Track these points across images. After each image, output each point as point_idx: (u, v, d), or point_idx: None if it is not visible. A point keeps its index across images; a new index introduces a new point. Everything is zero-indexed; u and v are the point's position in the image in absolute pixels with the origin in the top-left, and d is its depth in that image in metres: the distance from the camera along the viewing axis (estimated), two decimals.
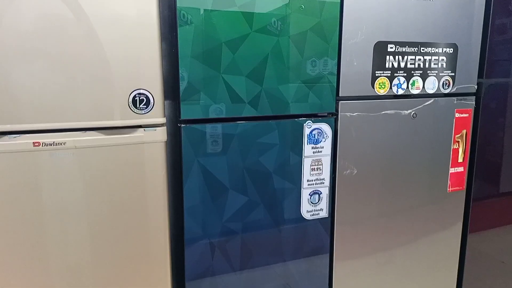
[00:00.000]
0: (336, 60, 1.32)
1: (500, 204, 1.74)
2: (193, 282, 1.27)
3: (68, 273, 1.13)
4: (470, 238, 1.70)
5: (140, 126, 1.13)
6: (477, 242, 1.73)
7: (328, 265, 1.45)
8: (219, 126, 1.22)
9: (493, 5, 1.50)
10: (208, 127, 1.21)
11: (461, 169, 1.60)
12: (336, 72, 1.33)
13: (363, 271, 1.52)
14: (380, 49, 1.36)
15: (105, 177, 1.11)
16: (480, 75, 1.56)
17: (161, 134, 1.15)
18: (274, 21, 1.21)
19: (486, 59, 1.54)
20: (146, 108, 1.13)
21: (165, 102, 1.16)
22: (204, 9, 1.13)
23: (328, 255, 1.44)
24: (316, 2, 1.25)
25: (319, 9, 1.26)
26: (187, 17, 1.12)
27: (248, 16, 1.18)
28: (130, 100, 1.11)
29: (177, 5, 1.11)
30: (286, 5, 1.21)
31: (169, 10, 1.19)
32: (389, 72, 1.40)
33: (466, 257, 1.72)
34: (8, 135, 1.01)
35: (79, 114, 1.06)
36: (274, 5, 1.20)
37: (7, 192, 1.04)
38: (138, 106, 1.12)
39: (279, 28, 1.22)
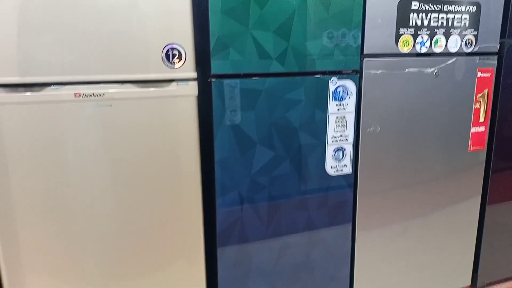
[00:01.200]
0: (361, 17, 1.34)
1: None
2: (223, 232, 1.33)
3: (99, 226, 1.19)
4: (488, 209, 1.73)
5: (173, 80, 1.17)
6: (496, 213, 1.75)
7: (351, 218, 1.50)
8: (247, 81, 1.25)
9: None
10: (237, 82, 1.24)
11: (482, 128, 1.62)
12: (361, 29, 1.35)
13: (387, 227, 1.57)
14: (404, 7, 1.38)
15: (140, 129, 1.16)
16: (502, 35, 1.56)
17: (193, 88, 1.19)
18: None
19: (509, 18, 1.54)
20: (178, 62, 1.17)
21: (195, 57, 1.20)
22: None
23: (351, 210, 1.49)
24: None
25: None
26: None
27: None
28: (164, 54, 1.15)
29: None
30: None
31: None
32: (413, 30, 1.41)
33: (484, 228, 1.75)
34: (51, 86, 1.07)
35: (116, 68, 1.11)
36: None
37: (48, 144, 1.09)
38: (171, 60, 1.16)
39: None
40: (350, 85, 1.39)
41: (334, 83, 1.36)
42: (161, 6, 1.11)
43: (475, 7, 1.48)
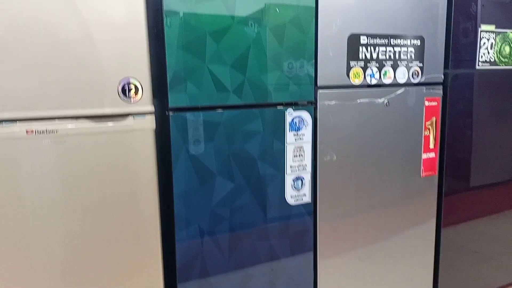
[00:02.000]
0: (313, 51, 1.40)
1: (472, 198, 1.85)
2: (184, 267, 1.31)
3: (55, 265, 1.14)
4: (444, 231, 1.80)
5: (129, 114, 1.17)
6: (451, 234, 1.83)
7: (312, 246, 1.51)
8: (205, 114, 1.27)
9: None
10: (195, 115, 1.26)
11: (432, 154, 1.71)
12: (314, 62, 1.41)
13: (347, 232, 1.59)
14: (354, 41, 1.46)
15: (96, 164, 1.14)
16: (446, 66, 1.67)
17: (150, 122, 1.20)
18: (253, 3, 1.28)
19: (450, 50, 1.66)
20: (135, 96, 1.17)
21: (152, 91, 1.21)
22: (189, 0, 1.20)
23: (312, 238, 1.51)
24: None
25: (296, 3, 1.34)
26: (174, 8, 1.18)
27: (231, 7, 1.25)
28: (120, 88, 1.15)
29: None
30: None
31: (155, 3, 1.24)
32: (363, 62, 1.49)
33: (441, 249, 1.82)
34: (2, 123, 1.04)
35: (70, 103, 1.09)
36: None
37: (1, 181, 1.06)
38: (127, 94, 1.16)
39: (264, 13, 1.29)
40: (306, 116, 1.43)
41: (290, 114, 1.40)
42: (118, 39, 1.13)
43: (419, 40, 1.58)
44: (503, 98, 1.85)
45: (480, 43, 1.72)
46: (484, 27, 1.71)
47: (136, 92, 1.17)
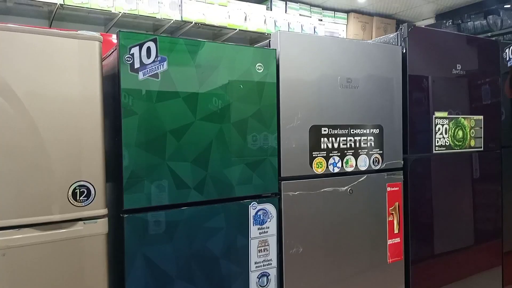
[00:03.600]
0: (276, 143, 1.39)
1: (437, 265, 1.83)
2: None
3: None
4: None
5: (79, 219, 1.08)
6: None
7: None
8: (163, 213, 1.20)
9: (408, 85, 1.70)
10: (153, 215, 1.18)
11: (398, 240, 1.69)
12: (277, 154, 1.40)
13: None
14: (315, 132, 1.47)
15: (41, 277, 1.03)
16: (404, 151, 1.72)
17: (102, 226, 1.11)
18: (215, 100, 1.27)
19: (408, 136, 1.71)
20: (86, 200, 1.09)
21: (107, 185, 1.14)
22: (148, 100, 1.17)
23: None
24: (254, 83, 1.34)
25: (258, 96, 1.35)
26: (131, 108, 1.15)
27: (192, 105, 1.23)
28: (70, 192, 1.07)
29: (122, 96, 1.14)
30: (226, 85, 1.29)
31: (113, 100, 1.21)
32: (325, 152, 1.50)
33: None
34: None
35: (12, 211, 1.00)
36: (214, 85, 1.27)
37: None
38: (78, 198, 1.08)
39: (226, 109, 1.28)
40: (270, 208, 1.39)
41: (254, 208, 1.36)
42: (69, 141, 1.06)
43: (378, 129, 1.62)
44: (460, 177, 1.90)
45: (435, 129, 1.79)
46: (437, 114, 1.79)
47: (88, 196, 1.09)
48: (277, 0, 3.40)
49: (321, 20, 3.63)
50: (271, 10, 3.36)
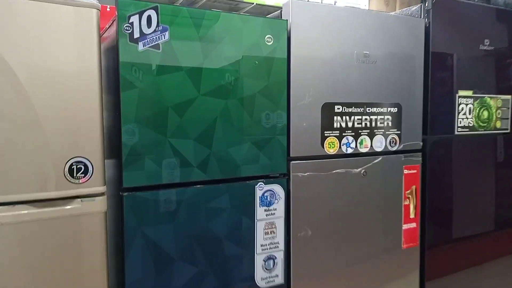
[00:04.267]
0: (286, 121, 1.32)
1: (454, 250, 1.75)
2: None
3: None
4: (427, 285, 1.68)
5: (77, 197, 1.04)
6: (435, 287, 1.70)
7: None
8: (165, 192, 1.15)
9: (431, 62, 1.58)
10: (154, 194, 1.14)
11: (413, 225, 1.61)
12: (286, 133, 1.32)
13: None
14: (328, 110, 1.39)
15: (38, 255, 1.00)
16: (424, 132, 1.61)
17: (100, 205, 1.07)
18: (221, 75, 1.20)
19: (428, 116, 1.61)
20: (84, 176, 1.05)
21: (108, 161, 1.10)
22: (148, 73, 1.11)
23: None
24: (262, 57, 1.26)
25: (267, 71, 1.27)
26: (130, 81, 1.09)
27: (196, 79, 1.16)
28: (67, 169, 1.03)
29: (120, 69, 1.08)
30: (233, 58, 1.21)
31: (113, 72, 1.15)
32: (338, 132, 1.41)
33: None
34: None
35: (4, 187, 0.96)
36: (220, 58, 1.19)
37: None
38: (75, 175, 1.04)
39: (232, 84, 1.20)
40: (278, 189, 1.33)
41: (261, 188, 1.30)
42: (65, 115, 1.01)
43: (396, 108, 1.52)
44: (482, 161, 1.79)
45: (458, 109, 1.67)
46: (461, 92, 1.67)
47: (86, 173, 1.05)
48: None
49: None
50: None
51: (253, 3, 3.08)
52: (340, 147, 1.42)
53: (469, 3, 1.72)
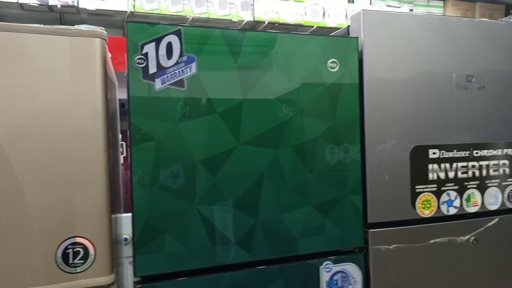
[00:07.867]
0: (360, 174, 0.95)
1: None
2: None
3: None
4: None
5: None
6: None
7: None
8: (194, 281, 0.83)
9: None
10: (178, 285, 0.82)
11: None
12: (361, 191, 0.96)
13: None
14: (420, 156, 1.00)
15: None
16: None
17: None
18: (268, 115, 0.88)
19: None
20: (83, 263, 0.77)
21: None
22: (169, 119, 0.82)
23: None
24: (325, 87, 0.92)
25: (332, 106, 0.93)
26: (145, 132, 0.81)
27: (234, 124, 0.86)
28: (59, 254, 0.75)
29: (130, 116, 0.80)
30: (283, 92, 0.89)
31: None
32: (435, 185, 1.02)
33: None
34: None
35: None
36: (266, 93, 0.88)
37: None
38: (70, 261, 0.76)
39: (283, 127, 0.88)
40: (353, 269, 0.95)
41: (328, 270, 0.93)
42: (55, 179, 0.75)
43: None
44: None
45: None
46: None
47: (85, 258, 0.77)
48: None
49: (412, 11, 3.07)
50: (353, 2, 2.90)
51: (313, 26, 2.81)
52: (438, 206, 1.02)
53: None
